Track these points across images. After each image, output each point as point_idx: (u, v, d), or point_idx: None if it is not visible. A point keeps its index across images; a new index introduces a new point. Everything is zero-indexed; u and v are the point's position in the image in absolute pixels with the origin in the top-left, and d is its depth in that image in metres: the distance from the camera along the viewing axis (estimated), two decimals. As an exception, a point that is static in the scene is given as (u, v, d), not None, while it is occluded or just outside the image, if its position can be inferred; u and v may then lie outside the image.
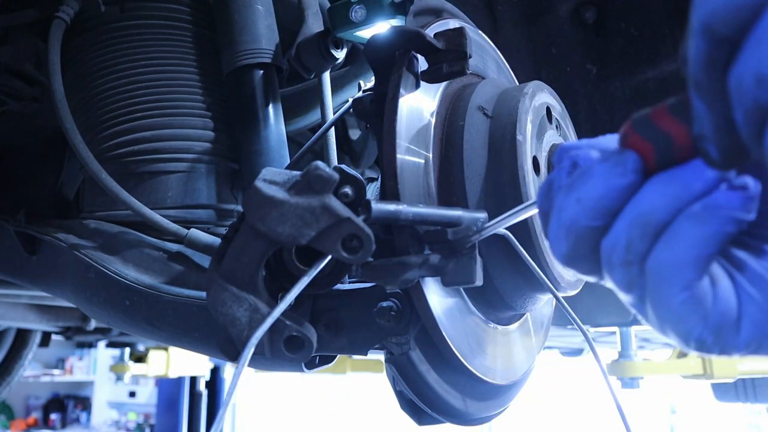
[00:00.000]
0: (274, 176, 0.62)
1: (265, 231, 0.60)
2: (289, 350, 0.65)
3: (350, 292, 0.76)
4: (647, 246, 0.41)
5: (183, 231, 0.92)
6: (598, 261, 0.44)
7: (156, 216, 0.92)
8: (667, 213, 0.41)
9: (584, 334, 0.74)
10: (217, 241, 0.92)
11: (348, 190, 0.62)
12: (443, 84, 0.83)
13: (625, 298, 0.45)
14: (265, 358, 0.65)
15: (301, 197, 0.60)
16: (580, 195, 0.44)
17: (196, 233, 0.92)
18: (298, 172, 0.62)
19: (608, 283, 0.45)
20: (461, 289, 0.77)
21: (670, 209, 0.40)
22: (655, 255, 0.41)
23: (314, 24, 1.05)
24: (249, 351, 0.58)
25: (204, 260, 0.95)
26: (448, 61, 0.75)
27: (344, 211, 0.59)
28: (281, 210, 0.59)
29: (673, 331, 0.41)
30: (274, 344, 0.64)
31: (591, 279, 0.47)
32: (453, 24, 0.87)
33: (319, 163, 0.61)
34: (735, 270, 0.42)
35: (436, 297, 0.72)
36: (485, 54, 0.96)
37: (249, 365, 0.62)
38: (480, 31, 0.97)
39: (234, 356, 0.66)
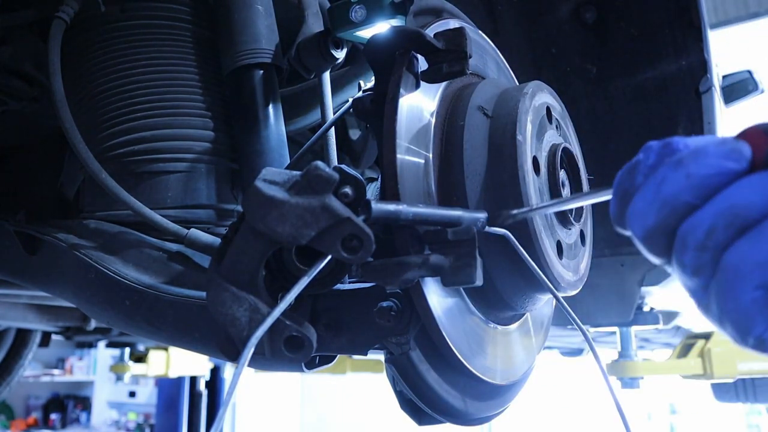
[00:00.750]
0: (274, 176, 0.62)
1: (265, 231, 0.60)
2: (289, 350, 0.65)
3: (350, 292, 0.76)
4: (728, 237, 0.42)
5: (183, 231, 0.92)
6: (671, 242, 0.45)
7: (156, 216, 0.92)
8: (759, 211, 0.41)
9: (584, 334, 0.74)
10: (217, 241, 0.92)
11: (348, 190, 0.62)
12: (443, 84, 0.83)
13: (686, 282, 0.45)
14: (265, 358, 0.65)
15: (301, 197, 0.60)
16: (690, 171, 0.44)
17: (196, 233, 0.92)
18: (298, 172, 0.62)
19: (671, 268, 0.46)
20: (461, 289, 0.77)
21: (764, 209, 0.41)
22: (737, 249, 0.41)
23: (314, 24, 1.05)
24: (249, 351, 0.58)
25: (204, 260, 0.94)
26: (448, 61, 0.75)
27: (344, 211, 0.59)
28: (281, 210, 0.59)
29: (733, 325, 0.42)
30: (274, 344, 0.64)
31: (656, 260, 0.48)
32: (453, 24, 0.87)
33: (319, 163, 0.60)
34: None
35: (436, 297, 0.72)
36: (485, 54, 0.96)
37: (249, 365, 0.62)
38: (480, 31, 0.97)
39: (234, 356, 0.66)
